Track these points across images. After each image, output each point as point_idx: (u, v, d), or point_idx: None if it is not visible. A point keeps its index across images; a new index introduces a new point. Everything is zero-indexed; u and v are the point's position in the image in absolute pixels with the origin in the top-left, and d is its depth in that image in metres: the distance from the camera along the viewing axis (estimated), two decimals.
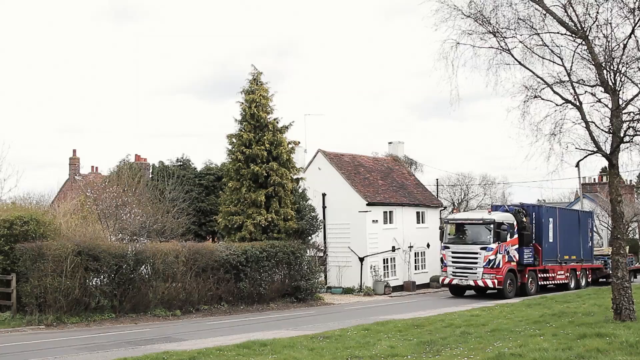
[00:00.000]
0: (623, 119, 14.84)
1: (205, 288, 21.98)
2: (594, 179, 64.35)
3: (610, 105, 14.87)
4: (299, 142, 31.18)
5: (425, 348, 12.20)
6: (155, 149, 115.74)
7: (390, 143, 44.53)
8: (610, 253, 33.26)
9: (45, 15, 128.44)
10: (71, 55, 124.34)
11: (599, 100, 15.24)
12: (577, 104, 15.09)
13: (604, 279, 34.16)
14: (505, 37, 15.45)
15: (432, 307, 22.80)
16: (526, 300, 22.71)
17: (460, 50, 15.46)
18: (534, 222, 28.92)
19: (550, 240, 29.59)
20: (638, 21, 14.21)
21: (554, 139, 15.34)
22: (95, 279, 19.71)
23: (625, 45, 14.50)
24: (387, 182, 38.21)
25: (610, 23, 14.61)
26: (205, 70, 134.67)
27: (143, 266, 20.69)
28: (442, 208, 45.31)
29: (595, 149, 15.15)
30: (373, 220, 33.43)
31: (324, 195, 34.06)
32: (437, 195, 46.66)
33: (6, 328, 17.31)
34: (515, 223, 27.71)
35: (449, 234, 28.29)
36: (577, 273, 31.74)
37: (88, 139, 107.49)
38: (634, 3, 14.28)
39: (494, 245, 26.63)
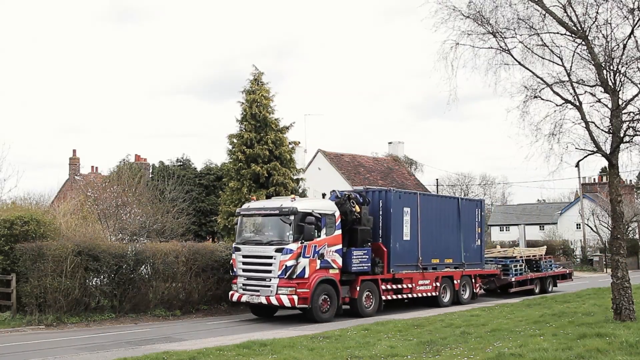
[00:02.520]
0: (623, 119, 14.85)
1: (205, 288, 21.95)
2: (594, 179, 64.53)
3: (610, 105, 14.89)
4: (299, 142, 31.21)
5: (425, 348, 12.21)
6: (155, 149, 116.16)
7: (390, 143, 44.63)
8: (515, 255, 28.22)
9: (46, 16, 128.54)
10: (71, 55, 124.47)
11: (599, 100, 15.26)
12: (577, 104, 15.10)
13: (508, 288, 27.02)
14: (505, 38, 15.48)
15: (434, 305, 22.76)
16: (526, 300, 22.67)
17: (459, 50, 15.49)
18: (380, 213, 21.11)
19: (406, 237, 21.66)
20: (637, 21, 14.23)
21: (554, 139, 15.37)
22: (95, 279, 19.69)
23: (625, 45, 14.52)
24: (387, 182, 38.24)
25: (610, 23, 14.65)
26: (205, 71, 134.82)
27: (143, 266, 20.67)
28: None
29: (595, 149, 15.16)
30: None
31: (323, 195, 33.99)
32: None
33: (6, 328, 17.31)
34: (337, 214, 19.36)
35: (243, 231, 19.90)
36: (455, 282, 23.57)
37: (88, 139, 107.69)
38: (634, 3, 14.32)
39: (294, 246, 18.04)
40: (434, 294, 22.66)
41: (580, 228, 58.11)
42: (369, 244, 20.23)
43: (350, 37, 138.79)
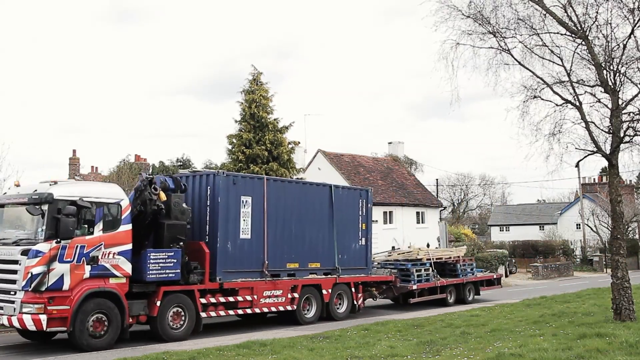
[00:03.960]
0: (623, 119, 14.85)
1: None
2: (594, 179, 64.60)
3: (610, 105, 14.89)
4: (299, 142, 31.27)
5: (425, 348, 12.20)
6: (155, 149, 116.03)
7: (390, 143, 44.64)
8: (420, 257, 22.94)
9: (46, 16, 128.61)
10: (71, 55, 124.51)
11: (599, 100, 15.25)
12: (577, 104, 15.10)
13: (412, 298, 22.39)
14: (505, 37, 15.46)
15: (433, 306, 22.76)
16: (526, 300, 22.63)
17: (460, 50, 15.46)
18: (207, 203, 16.46)
19: (245, 235, 16.90)
20: (638, 21, 14.22)
21: (554, 139, 15.35)
22: None
23: (625, 45, 14.51)
24: (387, 182, 38.26)
25: (610, 23, 14.64)
26: (205, 71, 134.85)
27: None
28: (442, 208, 45.45)
29: (595, 149, 15.15)
30: (373, 221, 33.42)
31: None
32: (437, 195, 46.79)
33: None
34: (124, 203, 14.50)
35: None
36: (324, 292, 18.83)
37: (88, 139, 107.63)
38: (634, 3, 14.30)
39: (44, 247, 13.14)
40: (289, 307, 17.88)
41: (580, 228, 58.15)
42: (178, 243, 15.27)
43: (350, 37, 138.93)
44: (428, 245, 37.19)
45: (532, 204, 79.13)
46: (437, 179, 52.54)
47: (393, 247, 33.51)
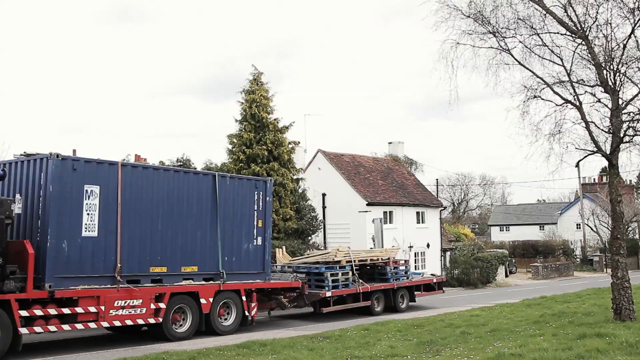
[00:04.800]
0: (623, 119, 14.84)
1: None
2: (594, 179, 64.61)
3: (610, 105, 14.88)
4: (299, 142, 31.29)
5: (425, 348, 12.20)
6: (155, 149, 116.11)
7: (390, 143, 44.62)
8: (339, 259, 20.21)
9: (46, 16, 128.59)
10: (72, 55, 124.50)
11: (599, 100, 15.23)
12: (577, 104, 15.09)
13: (327, 307, 19.69)
14: (505, 37, 15.44)
15: (431, 306, 22.78)
16: (526, 300, 22.64)
17: (460, 50, 15.43)
18: (40, 194, 13.51)
19: (90, 232, 13.89)
20: (638, 21, 14.21)
21: (554, 139, 15.32)
22: None
23: (625, 45, 14.50)
24: (387, 182, 38.24)
25: (610, 23, 14.62)
26: (205, 71, 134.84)
27: None
28: (442, 208, 45.44)
29: (595, 149, 15.14)
30: (373, 220, 33.40)
31: (323, 195, 34.13)
32: (437, 195, 46.77)
33: None
34: None
35: None
36: (203, 302, 15.81)
37: (88, 139, 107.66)
38: (634, 3, 14.29)
39: None
40: (152, 320, 14.74)
41: (580, 228, 58.17)
42: None
43: (350, 38, 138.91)
44: (428, 246, 37.24)
45: (532, 204, 79.15)
46: (437, 179, 52.52)
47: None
